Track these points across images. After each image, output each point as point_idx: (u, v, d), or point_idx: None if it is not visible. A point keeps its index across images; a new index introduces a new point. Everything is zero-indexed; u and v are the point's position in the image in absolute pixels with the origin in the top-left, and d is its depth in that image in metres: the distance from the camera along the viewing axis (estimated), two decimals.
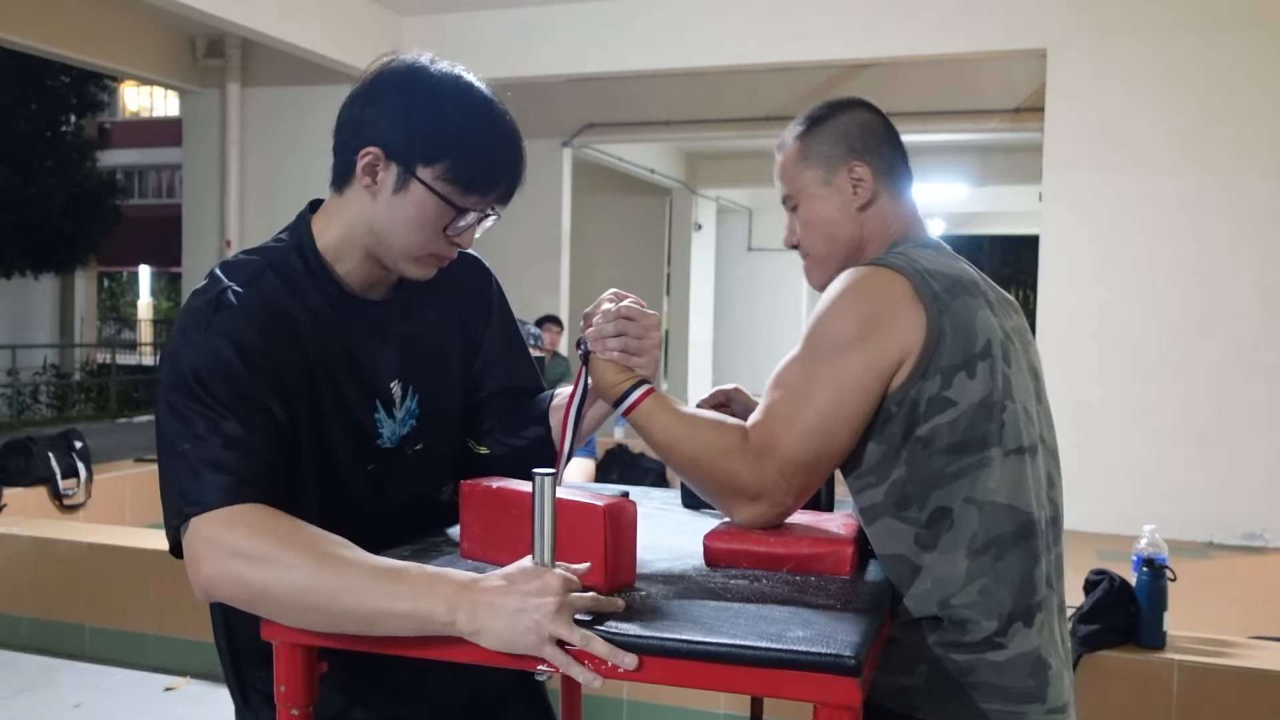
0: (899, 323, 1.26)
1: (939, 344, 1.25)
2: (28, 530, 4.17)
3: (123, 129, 23.11)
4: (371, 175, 1.24)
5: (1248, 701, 2.59)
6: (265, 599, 1.08)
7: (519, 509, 1.23)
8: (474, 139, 1.23)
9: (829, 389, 1.25)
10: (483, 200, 1.26)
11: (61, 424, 11.44)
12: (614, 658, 1.00)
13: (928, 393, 1.25)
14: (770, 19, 6.26)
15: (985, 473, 1.26)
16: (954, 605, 1.25)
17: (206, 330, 1.19)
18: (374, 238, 1.28)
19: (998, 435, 1.27)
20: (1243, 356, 5.55)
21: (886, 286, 1.28)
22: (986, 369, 1.27)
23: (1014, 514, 1.27)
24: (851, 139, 1.43)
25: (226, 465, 1.12)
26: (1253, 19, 5.50)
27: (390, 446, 1.35)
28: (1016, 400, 1.30)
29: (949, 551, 1.25)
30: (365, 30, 6.59)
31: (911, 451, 1.26)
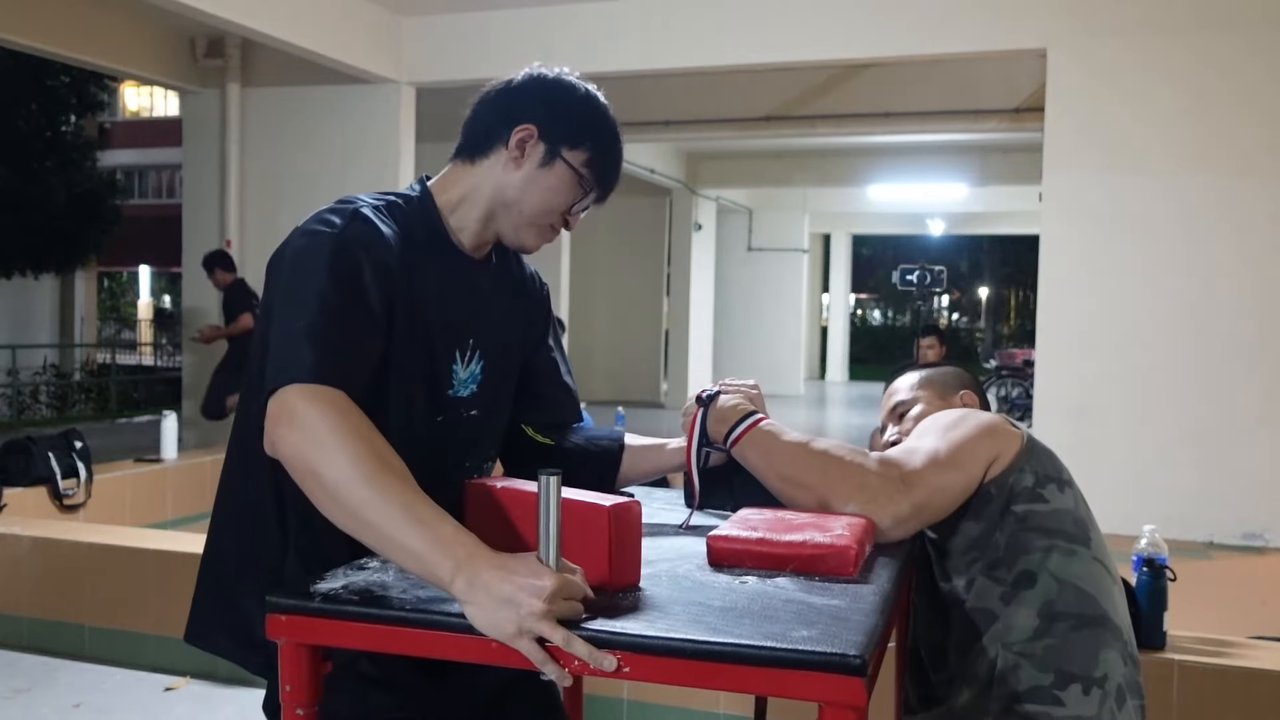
0: (1002, 430, 1.52)
1: (1031, 454, 1.51)
2: (28, 530, 4.16)
3: (123, 129, 23.11)
4: (521, 149, 1.42)
5: (1248, 701, 2.60)
6: (311, 478, 1.15)
7: (525, 508, 1.24)
8: (609, 139, 1.46)
9: (950, 444, 1.47)
10: (599, 191, 1.46)
11: (61, 424, 11.44)
12: (594, 660, 1.01)
13: (1023, 484, 1.48)
14: (770, 19, 6.26)
15: (1072, 559, 1.45)
16: (1015, 650, 1.39)
17: (343, 231, 1.32)
18: (501, 203, 1.44)
19: (1085, 542, 1.48)
20: (1243, 356, 5.55)
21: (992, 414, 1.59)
22: (1073, 496, 1.51)
23: (1092, 602, 1.43)
24: (965, 380, 1.83)
25: (327, 347, 1.22)
26: (1253, 19, 5.50)
27: (453, 400, 1.45)
28: (1097, 535, 1.52)
29: (1025, 605, 1.42)
30: (365, 30, 6.59)
31: (1008, 524, 1.47)
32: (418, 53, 6.87)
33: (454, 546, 1.07)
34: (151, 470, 5.68)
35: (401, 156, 7.04)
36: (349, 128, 7.12)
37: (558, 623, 1.02)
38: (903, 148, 11.06)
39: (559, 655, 1.02)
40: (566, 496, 1.13)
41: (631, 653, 1.02)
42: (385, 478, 1.12)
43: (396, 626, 1.10)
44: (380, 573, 1.22)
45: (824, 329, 21.16)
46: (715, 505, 1.58)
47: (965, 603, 1.46)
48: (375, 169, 7.04)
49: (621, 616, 1.07)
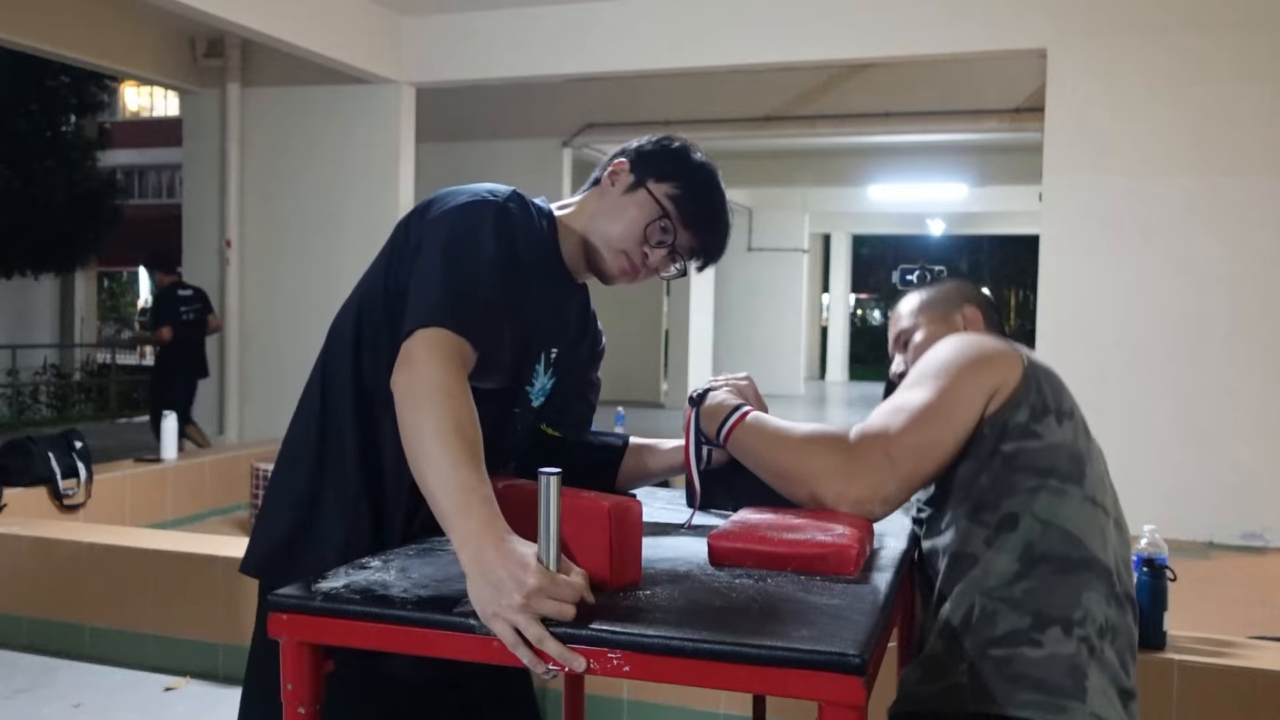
0: (1001, 359, 1.43)
1: (1032, 385, 1.41)
2: (28, 530, 4.17)
3: (123, 129, 23.10)
4: (614, 179, 1.53)
5: (1248, 701, 2.60)
6: (403, 418, 1.25)
7: (525, 508, 1.24)
8: (701, 186, 1.52)
9: (939, 393, 1.40)
10: (684, 233, 1.50)
11: (61, 424, 11.44)
12: (564, 658, 1.03)
13: (1016, 419, 1.39)
14: (770, 19, 6.26)
15: (1061, 499, 1.37)
16: (994, 595, 1.33)
17: (506, 203, 1.42)
18: (592, 227, 1.52)
19: (1078, 479, 1.39)
20: (1243, 356, 5.55)
21: (988, 338, 1.50)
22: (1072, 427, 1.42)
23: (1078, 544, 1.36)
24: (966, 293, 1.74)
25: (463, 296, 1.31)
26: (1253, 19, 5.51)
27: (533, 403, 1.53)
28: (1098, 467, 1.44)
29: (1005, 550, 1.35)
30: (365, 30, 6.59)
31: (995, 464, 1.39)
32: (418, 53, 6.87)
33: (471, 519, 1.12)
34: (151, 470, 5.68)
35: (401, 156, 7.04)
36: (349, 128, 7.12)
37: (538, 618, 1.04)
38: (903, 148, 11.06)
39: (536, 650, 1.04)
40: (567, 496, 1.13)
41: (631, 653, 1.02)
42: (449, 437, 1.19)
43: (397, 626, 1.10)
44: (382, 572, 1.22)
45: (824, 329, 21.15)
46: (716, 505, 1.59)
47: (950, 548, 1.41)
48: (375, 169, 7.05)
49: (621, 616, 1.07)
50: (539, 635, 1.03)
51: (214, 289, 7.42)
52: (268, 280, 7.25)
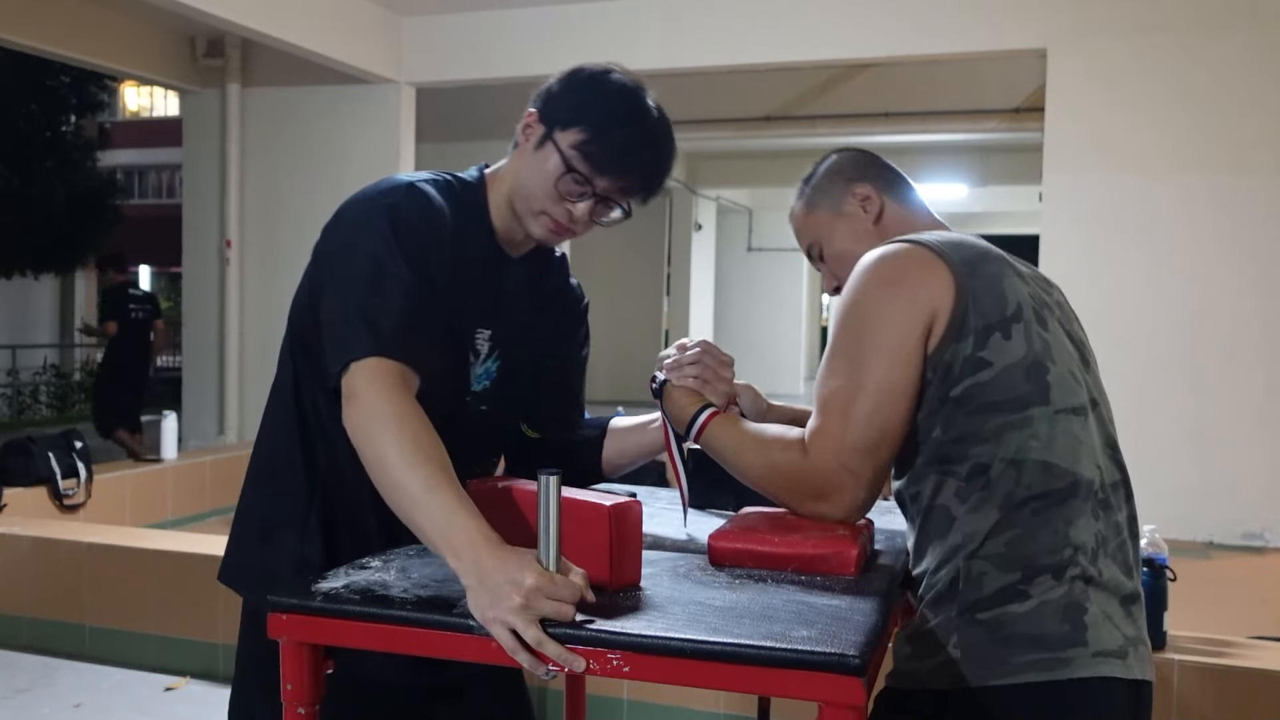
0: (926, 283, 1.26)
1: (969, 303, 1.25)
2: (28, 530, 4.17)
3: (123, 129, 23.09)
4: (526, 134, 1.41)
5: (1248, 701, 2.60)
6: (363, 454, 1.23)
7: (525, 508, 1.24)
8: (612, 122, 1.36)
9: (872, 368, 1.26)
10: (601, 180, 1.37)
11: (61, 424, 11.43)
12: (564, 660, 1.03)
13: (962, 353, 1.24)
14: (771, 19, 6.26)
15: (1027, 431, 1.24)
16: (978, 556, 1.23)
17: (399, 201, 1.35)
18: (515, 188, 1.43)
19: (1042, 395, 1.25)
20: (1242, 356, 5.55)
21: (907, 255, 1.29)
22: (1022, 331, 1.26)
23: (1058, 472, 1.24)
24: (845, 171, 1.53)
25: (387, 319, 1.27)
26: (1252, 19, 5.50)
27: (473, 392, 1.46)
28: (1059, 362, 1.29)
29: (981, 507, 1.24)
30: (365, 30, 6.59)
31: (947, 412, 1.26)
32: (418, 53, 6.86)
33: (459, 533, 1.11)
34: (151, 470, 5.68)
35: (401, 156, 7.04)
36: (349, 128, 7.12)
37: (537, 620, 1.03)
38: (902, 148, 11.06)
39: (535, 651, 1.04)
40: (568, 496, 1.13)
41: (631, 653, 1.02)
42: (415, 461, 1.18)
43: (397, 626, 1.10)
44: (381, 572, 1.22)
45: (824, 329, 21.14)
46: (716, 505, 1.59)
47: (922, 500, 1.29)
48: (375, 169, 7.03)
49: (622, 616, 1.07)
50: (537, 638, 1.03)
51: (214, 289, 7.42)
52: (268, 280, 7.24)
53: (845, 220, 1.50)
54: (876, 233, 1.47)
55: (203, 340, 7.52)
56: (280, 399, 1.47)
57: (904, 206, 1.51)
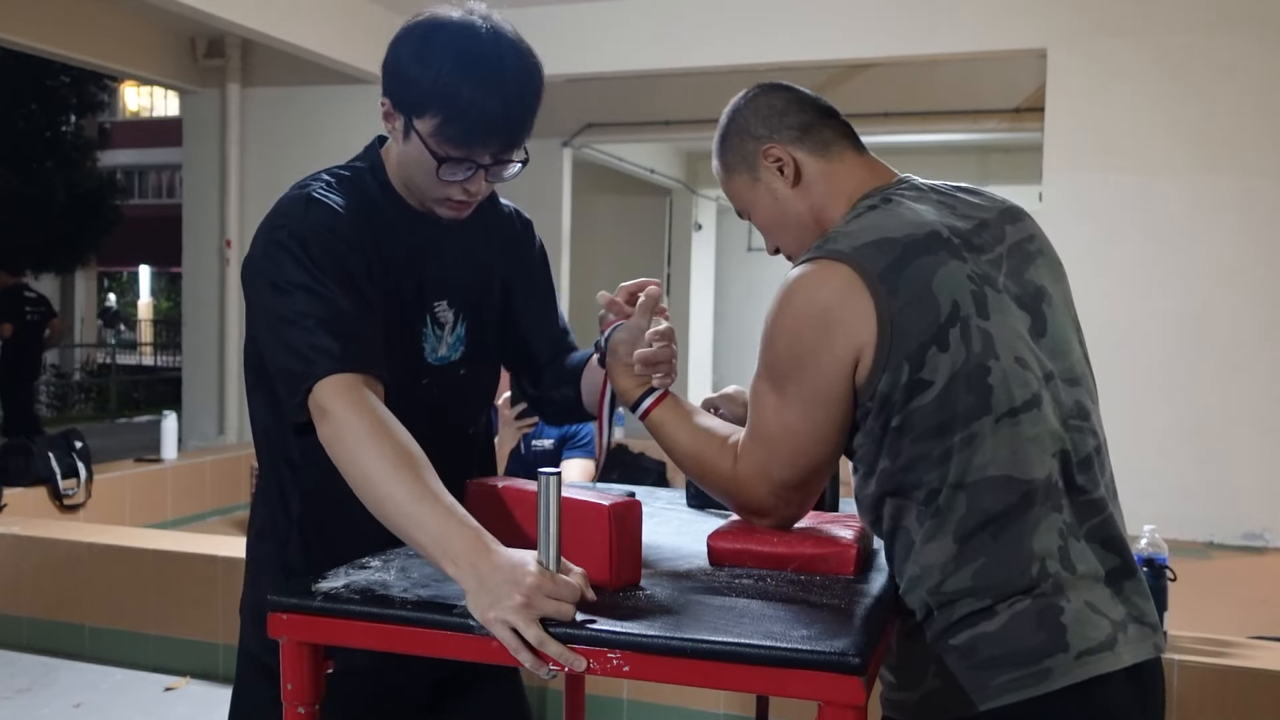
0: (847, 322, 1.19)
1: (895, 330, 1.18)
2: (28, 530, 4.17)
3: (123, 129, 23.09)
4: (390, 123, 1.36)
5: (1248, 701, 2.60)
6: (344, 472, 1.20)
7: (525, 508, 1.24)
8: (460, 93, 1.27)
9: (798, 408, 1.23)
10: (478, 152, 1.31)
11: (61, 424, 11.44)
12: (564, 659, 1.03)
13: (898, 381, 1.18)
14: (770, 19, 6.25)
15: (973, 449, 1.18)
16: (944, 590, 1.19)
17: (304, 218, 1.31)
18: (407, 180, 1.39)
19: (985, 403, 1.19)
20: (1243, 356, 5.55)
21: (827, 284, 1.21)
22: (959, 334, 1.19)
23: (1012, 485, 1.18)
24: (753, 128, 1.39)
25: (339, 335, 1.24)
26: (1252, 19, 5.50)
27: (440, 364, 1.44)
28: (1002, 355, 1.21)
29: (935, 538, 1.19)
30: (365, 30, 6.58)
31: (891, 441, 1.21)
32: None
33: (455, 540, 1.10)
34: (151, 470, 5.68)
35: None
36: (349, 128, 7.10)
37: (538, 620, 1.03)
38: (903, 148, 11.05)
39: (537, 650, 1.04)
40: (568, 496, 1.13)
41: (631, 653, 1.02)
42: (399, 474, 1.16)
43: (398, 626, 1.10)
44: (382, 572, 1.22)
45: None
46: (716, 505, 1.59)
47: (882, 520, 1.25)
48: None
49: (621, 616, 1.07)
50: (539, 637, 1.03)
51: (214, 289, 7.42)
52: None
53: (764, 186, 1.39)
54: (799, 196, 1.37)
55: (203, 340, 7.52)
56: (256, 436, 1.48)
57: (824, 159, 1.37)
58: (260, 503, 1.49)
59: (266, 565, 1.45)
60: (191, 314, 7.70)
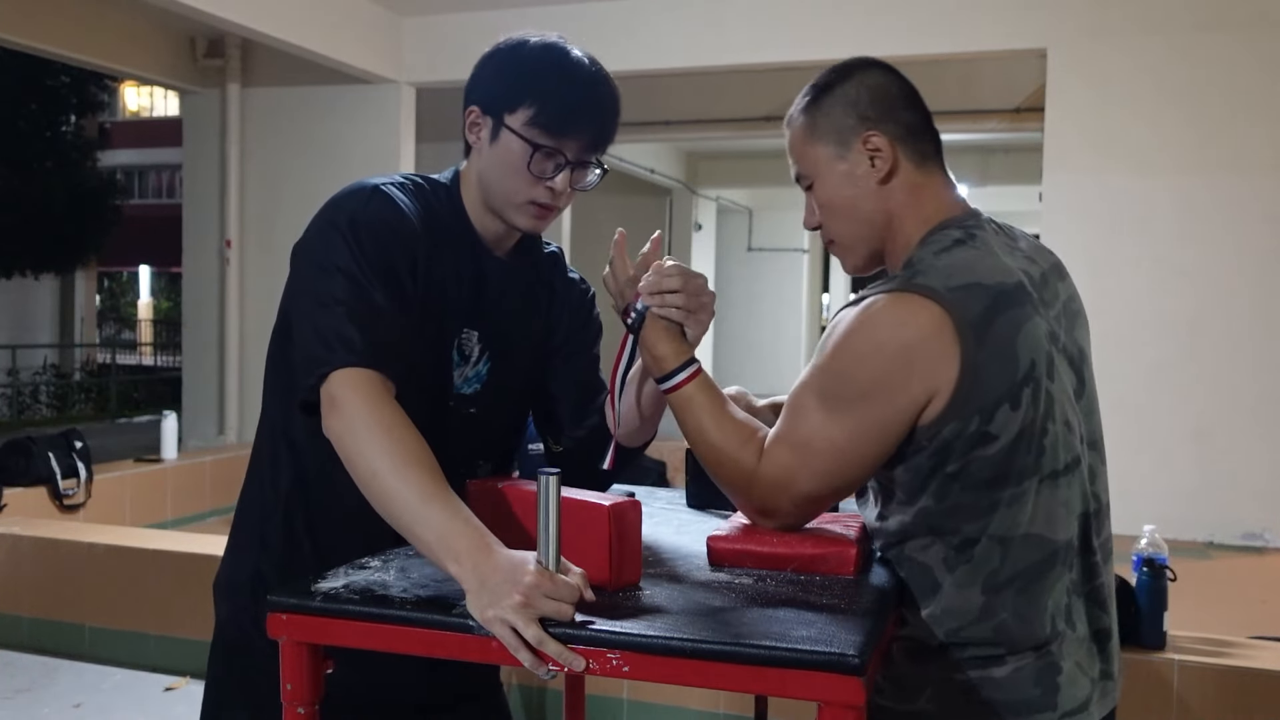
0: (928, 364, 1.16)
1: (976, 381, 1.15)
2: (28, 530, 4.16)
3: (123, 129, 23.09)
4: (476, 133, 1.39)
5: (1248, 701, 2.60)
6: (350, 465, 1.21)
7: (525, 508, 1.24)
8: (553, 82, 1.34)
9: (850, 430, 1.20)
10: (568, 143, 1.34)
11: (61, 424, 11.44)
12: (564, 659, 1.03)
13: (965, 431, 1.17)
14: (770, 19, 6.26)
15: (1018, 507, 1.19)
16: (961, 633, 1.22)
17: (364, 207, 1.32)
18: (484, 189, 1.40)
19: (1037, 464, 1.19)
20: (1243, 356, 5.55)
21: (915, 321, 1.16)
22: (1030, 395, 1.18)
23: (1042, 544, 1.21)
24: (862, 105, 1.30)
25: (361, 328, 1.24)
26: (1253, 19, 5.50)
27: (458, 393, 1.43)
28: (1058, 418, 1.21)
29: (964, 586, 1.21)
30: (365, 30, 6.58)
31: (940, 484, 1.20)
32: (418, 53, 6.86)
33: (458, 539, 1.11)
34: (151, 470, 5.68)
35: (401, 157, 7.04)
36: (349, 128, 7.12)
37: (537, 619, 1.03)
38: None
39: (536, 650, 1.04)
40: (568, 496, 1.13)
41: (631, 653, 1.02)
42: (407, 471, 1.17)
43: (397, 626, 1.10)
44: (381, 572, 1.22)
45: (824, 329, 21.12)
46: (717, 505, 1.58)
47: (904, 547, 1.24)
48: (375, 169, 6.99)
49: (621, 616, 1.07)
50: (538, 636, 1.03)
51: (214, 289, 7.41)
52: (268, 280, 7.23)
53: (847, 168, 1.30)
54: (879, 195, 1.30)
55: (203, 340, 7.52)
56: (264, 408, 1.47)
57: (921, 171, 1.31)
58: (251, 479, 1.48)
59: (246, 539, 1.46)
60: (191, 314, 7.70)
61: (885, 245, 1.32)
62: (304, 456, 1.40)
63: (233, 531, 1.50)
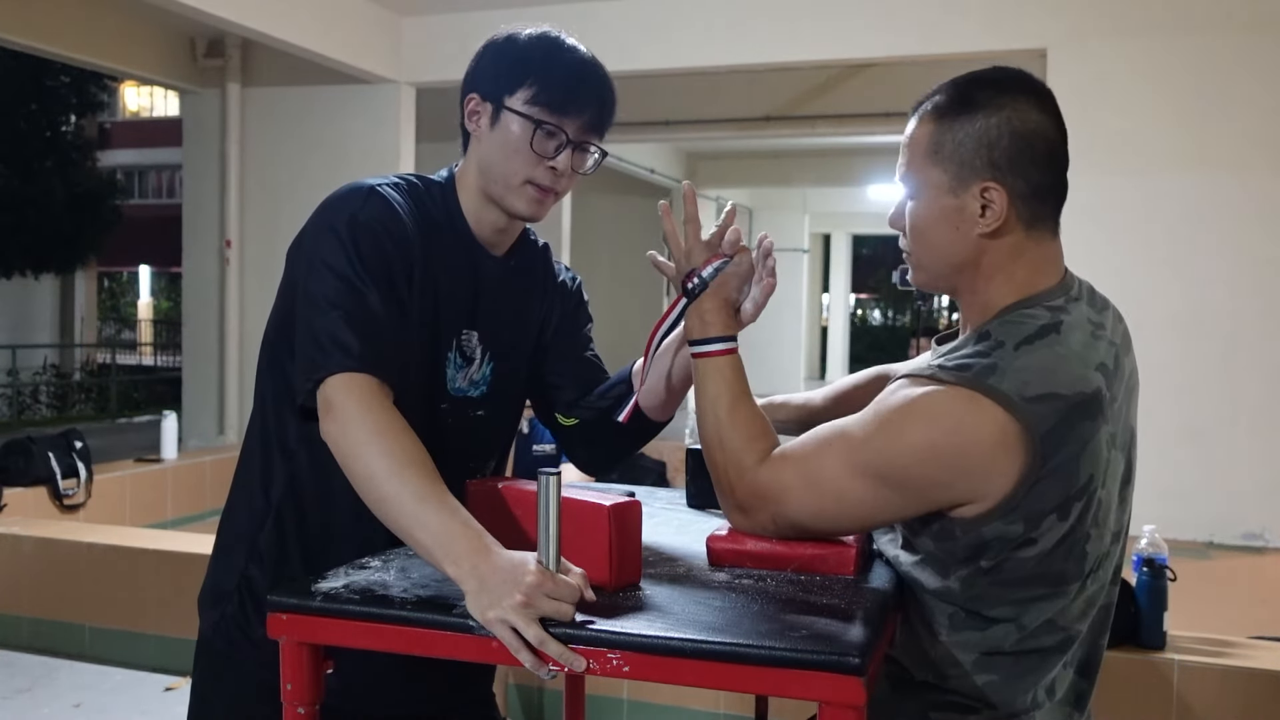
0: (983, 473, 1.10)
1: (1031, 494, 1.10)
2: (28, 530, 4.16)
3: (123, 129, 23.10)
4: (475, 120, 1.40)
5: (1248, 701, 2.60)
6: (347, 468, 1.20)
7: (525, 509, 1.24)
8: (552, 63, 1.37)
9: (862, 498, 1.16)
10: (569, 121, 1.36)
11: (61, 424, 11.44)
12: (564, 659, 1.03)
13: (1004, 533, 1.12)
14: (770, 19, 6.26)
15: (1048, 604, 1.17)
16: (948, 680, 1.21)
17: (361, 208, 1.32)
18: (484, 177, 1.40)
19: (1077, 570, 1.16)
20: (1242, 356, 5.55)
21: (981, 430, 1.09)
22: (1081, 507, 1.13)
23: (1054, 631, 1.19)
24: (998, 152, 1.18)
25: (356, 332, 1.24)
26: (1253, 19, 5.50)
27: (456, 396, 1.43)
28: (1100, 523, 1.17)
29: (966, 649, 1.20)
30: (365, 30, 6.58)
31: (971, 573, 1.16)
32: (418, 53, 6.86)
33: (457, 541, 1.11)
34: (151, 470, 5.68)
35: (401, 156, 7.04)
36: (349, 128, 7.12)
37: (537, 620, 1.04)
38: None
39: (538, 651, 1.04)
40: (568, 496, 1.13)
41: (631, 653, 1.02)
42: (404, 474, 1.16)
43: (397, 626, 1.10)
44: (381, 572, 1.22)
45: (824, 329, 21.13)
46: (717, 505, 1.58)
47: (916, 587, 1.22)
48: (375, 169, 7.01)
49: (621, 616, 1.07)
50: (539, 636, 1.03)
51: (214, 289, 7.41)
52: (268, 280, 7.24)
53: (955, 205, 1.20)
54: (977, 246, 1.21)
55: (203, 340, 7.52)
56: (255, 413, 1.46)
57: (1030, 235, 1.22)
58: (239, 484, 1.47)
59: (233, 549, 1.45)
60: (191, 314, 7.70)
61: (962, 291, 1.25)
62: (297, 464, 1.40)
63: (219, 539, 1.49)
